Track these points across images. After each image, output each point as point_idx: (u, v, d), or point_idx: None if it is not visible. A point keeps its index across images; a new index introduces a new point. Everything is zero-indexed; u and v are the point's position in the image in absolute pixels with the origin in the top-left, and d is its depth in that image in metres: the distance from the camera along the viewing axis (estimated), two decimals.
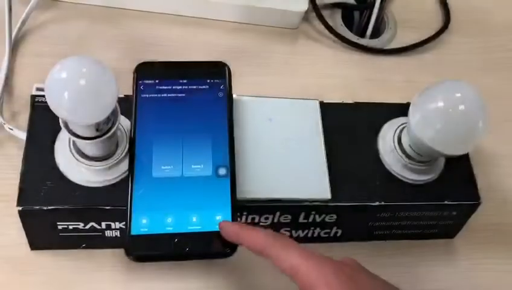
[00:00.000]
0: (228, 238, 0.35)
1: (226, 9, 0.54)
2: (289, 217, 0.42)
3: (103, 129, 0.35)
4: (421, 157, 0.42)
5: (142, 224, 0.36)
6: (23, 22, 0.50)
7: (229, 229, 0.35)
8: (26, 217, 0.38)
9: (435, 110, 0.38)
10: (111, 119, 0.36)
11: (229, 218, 0.37)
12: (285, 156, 0.42)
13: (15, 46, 0.49)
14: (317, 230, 0.44)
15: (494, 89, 0.57)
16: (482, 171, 0.48)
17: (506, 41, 0.61)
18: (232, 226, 0.35)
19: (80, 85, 0.32)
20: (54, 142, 0.39)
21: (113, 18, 0.53)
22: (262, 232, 0.33)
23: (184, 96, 0.41)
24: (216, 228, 0.36)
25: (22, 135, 0.41)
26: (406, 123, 0.42)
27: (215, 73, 0.42)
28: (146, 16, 0.54)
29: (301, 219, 0.42)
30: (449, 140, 0.38)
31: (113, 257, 0.41)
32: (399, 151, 0.43)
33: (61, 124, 0.35)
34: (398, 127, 0.44)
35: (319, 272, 0.29)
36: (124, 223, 0.37)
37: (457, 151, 0.39)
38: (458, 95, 0.38)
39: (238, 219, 0.39)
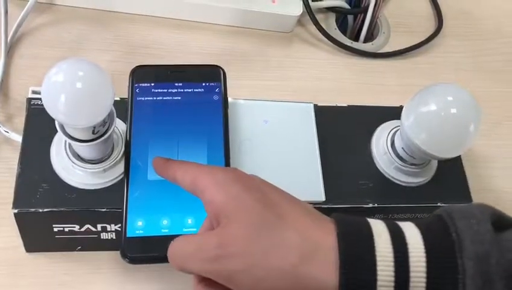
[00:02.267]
0: (155, 170, 0.35)
1: (221, 13, 0.54)
2: None
3: (99, 132, 0.35)
4: (414, 159, 0.42)
5: (138, 226, 0.36)
6: (19, 25, 0.50)
7: (154, 163, 0.35)
8: (22, 220, 0.38)
9: (427, 113, 0.38)
10: (107, 122, 0.36)
11: None
12: (279, 159, 0.42)
13: (11, 49, 0.49)
14: None
15: (486, 92, 0.57)
16: (474, 173, 0.48)
17: (497, 44, 0.62)
18: (155, 160, 0.35)
19: (77, 88, 0.32)
20: (49, 145, 0.39)
21: (109, 21, 0.53)
22: (170, 162, 0.34)
23: (180, 100, 0.41)
24: None
25: (18, 138, 0.41)
26: (399, 126, 0.43)
27: (211, 76, 0.42)
28: (142, 20, 0.54)
29: None
30: (441, 143, 0.39)
31: (109, 259, 0.41)
32: (392, 154, 0.43)
33: (58, 127, 0.35)
34: (391, 130, 0.44)
35: (210, 175, 0.31)
36: (120, 225, 0.37)
37: (449, 154, 0.39)
38: (450, 98, 0.38)
39: None
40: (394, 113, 0.44)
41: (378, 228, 0.29)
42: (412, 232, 0.29)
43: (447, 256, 0.28)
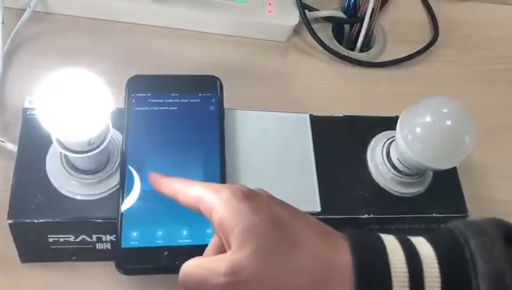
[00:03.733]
0: (152, 185, 0.35)
1: (217, 23, 0.55)
2: None
3: (95, 143, 0.35)
4: (409, 170, 0.42)
5: (133, 237, 0.36)
6: (16, 34, 0.50)
7: (150, 178, 0.35)
8: (17, 230, 0.38)
9: (423, 125, 0.39)
10: (103, 134, 0.36)
11: None
12: (275, 169, 0.42)
13: (7, 58, 0.49)
14: None
15: (482, 101, 0.58)
16: (470, 184, 0.48)
17: (493, 54, 0.62)
18: (151, 176, 0.35)
19: (73, 101, 0.32)
20: (45, 155, 0.39)
21: (105, 31, 0.53)
22: (170, 180, 0.34)
23: (176, 110, 0.41)
24: (206, 242, 0.36)
25: (13, 147, 0.41)
26: (394, 137, 0.43)
27: (207, 86, 0.42)
28: (138, 29, 0.54)
29: None
30: (436, 155, 0.39)
31: (104, 269, 0.41)
32: (387, 164, 0.43)
33: (53, 138, 0.35)
34: (387, 140, 0.44)
35: (218, 195, 0.31)
36: (115, 236, 0.37)
37: (444, 165, 0.40)
38: (445, 110, 0.38)
39: None
40: (390, 123, 0.45)
41: (392, 245, 0.29)
42: (425, 249, 0.29)
43: (462, 277, 0.28)
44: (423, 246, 0.29)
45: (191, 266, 0.31)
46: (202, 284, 0.29)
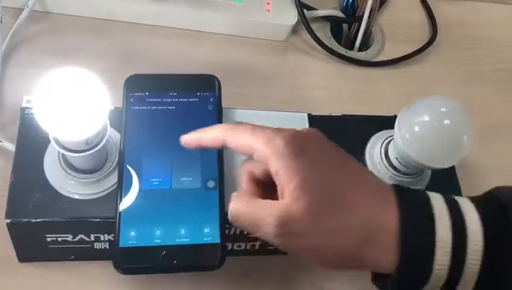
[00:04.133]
0: (190, 147, 0.35)
1: (216, 22, 0.55)
2: None
3: (93, 142, 0.35)
4: (408, 169, 0.42)
5: (131, 236, 0.36)
6: (14, 34, 0.50)
7: (187, 139, 0.35)
8: (15, 230, 0.38)
9: (421, 124, 0.39)
10: (100, 133, 0.36)
11: (218, 230, 0.37)
12: None
13: (6, 58, 0.49)
14: None
15: (481, 101, 0.58)
16: (468, 183, 0.48)
17: (491, 53, 0.62)
18: (189, 136, 0.35)
19: (70, 100, 0.32)
20: (43, 154, 0.39)
21: (104, 30, 0.53)
22: (214, 128, 0.34)
23: (174, 109, 0.41)
24: (204, 241, 0.36)
25: (11, 147, 0.41)
26: (392, 136, 0.43)
27: (205, 86, 0.42)
28: (136, 28, 0.54)
29: None
30: (434, 154, 0.39)
31: (102, 269, 0.41)
32: (386, 163, 0.43)
33: (51, 138, 0.35)
34: (385, 139, 0.44)
35: (271, 145, 0.31)
36: (113, 235, 0.37)
37: (442, 164, 0.39)
38: (443, 110, 0.38)
39: (227, 231, 0.39)
40: (388, 122, 0.44)
41: (440, 209, 0.30)
42: (471, 217, 0.30)
43: (504, 249, 0.29)
44: (469, 212, 0.30)
45: (242, 210, 0.32)
46: (253, 227, 0.31)
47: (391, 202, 0.30)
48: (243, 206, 0.32)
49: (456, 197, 0.32)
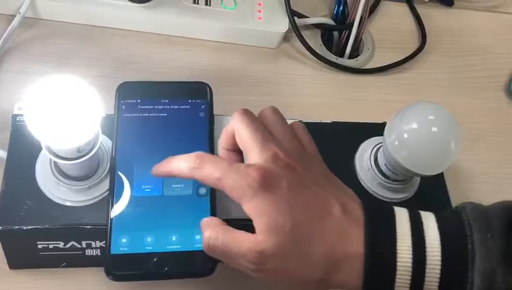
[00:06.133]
0: (158, 175, 0.37)
1: (208, 29, 0.55)
2: None
3: (84, 150, 0.36)
4: (397, 176, 0.43)
5: (122, 243, 0.36)
6: (5, 40, 0.50)
7: (157, 171, 0.37)
8: (6, 237, 0.38)
9: (409, 131, 0.39)
10: (92, 141, 0.36)
11: None
12: None
13: None
14: None
15: (469, 107, 0.59)
16: (457, 189, 0.49)
17: (479, 61, 0.63)
18: (159, 168, 0.37)
19: (62, 108, 0.32)
20: (34, 161, 0.39)
21: (95, 36, 0.53)
22: (181, 159, 0.36)
23: (166, 116, 0.41)
24: (195, 248, 0.37)
25: (3, 154, 0.41)
26: (382, 143, 0.43)
27: (197, 93, 0.43)
28: (128, 35, 0.54)
29: None
30: (422, 161, 0.39)
31: (93, 275, 0.41)
32: (375, 170, 0.44)
33: (42, 145, 0.35)
34: (375, 146, 0.45)
35: (240, 190, 0.33)
36: (104, 242, 0.37)
37: (430, 171, 0.40)
38: (431, 117, 0.39)
39: None
40: (378, 129, 0.45)
41: (403, 228, 0.32)
42: (431, 234, 0.32)
43: (460, 266, 0.31)
44: (431, 229, 0.32)
45: (217, 244, 0.34)
46: (229, 261, 0.34)
47: (356, 230, 0.32)
48: (217, 239, 0.34)
49: (422, 214, 0.34)
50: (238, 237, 0.33)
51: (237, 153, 0.37)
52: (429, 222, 0.33)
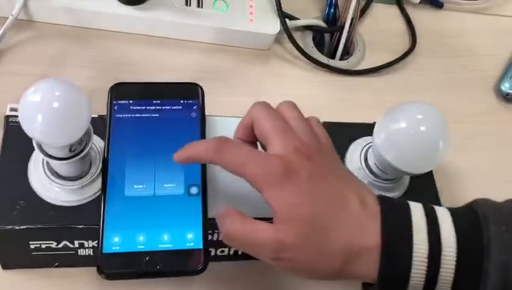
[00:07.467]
0: (179, 161, 0.36)
1: (200, 31, 0.55)
2: None
3: (76, 150, 0.36)
4: (386, 175, 0.43)
5: (114, 242, 0.37)
6: None
7: (178, 155, 0.36)
8: None
9: (398, 131, 0.40)
10: (84, 140, 0.36)
11: (200, 236, 0.38)
12: None
13: None
14: None
15: (458, 108, 0.59)
16: (446, 188, 0.50)
17: (469, 62, 0.64)
18: (180, 154, 0.36)
19: (53, 108, 0.32)
20: (27, 162, 0.40)
21: (88, 38, 0.54)
22: (203, 143, 0.36)
23: (158, 117, 0.42)
24: (187, 246, 0.37)
25: None
26: (371, 142, 0.44)
27: (189, 94, 0.43)
28: (120, 37, 0.55)
29: None
30: (411, 160, 0.40)
31: (86, 275, 0.41)
32: (365, 169, 0.44)
33: (35, 145, 0.36)
34: (365, 146, 0.45)
35: (261, 175, 0.33)
36: (97, 241, 0.37)
37: (419, 170, 0.41)
38: (420, 116, 0.40)
39: (210, 237, 0.40)
40: (368, 129, 0.45)
41: (418, 222, 0.32)
42: (446, 228, 0.32)
43: (476, 259, 0.31)
44: (445, 223, 0.32)
45: (237, 235, 0.34)
46: (248, 250, 0.34)
47: (373, 222, 0.33)
48: (237, 229, 0.34)
49: (436, 209, 0.34)
50: (257, 226, 0.33)
51: (253, 145, 0.37)
52: (444, 215, 0.33)
